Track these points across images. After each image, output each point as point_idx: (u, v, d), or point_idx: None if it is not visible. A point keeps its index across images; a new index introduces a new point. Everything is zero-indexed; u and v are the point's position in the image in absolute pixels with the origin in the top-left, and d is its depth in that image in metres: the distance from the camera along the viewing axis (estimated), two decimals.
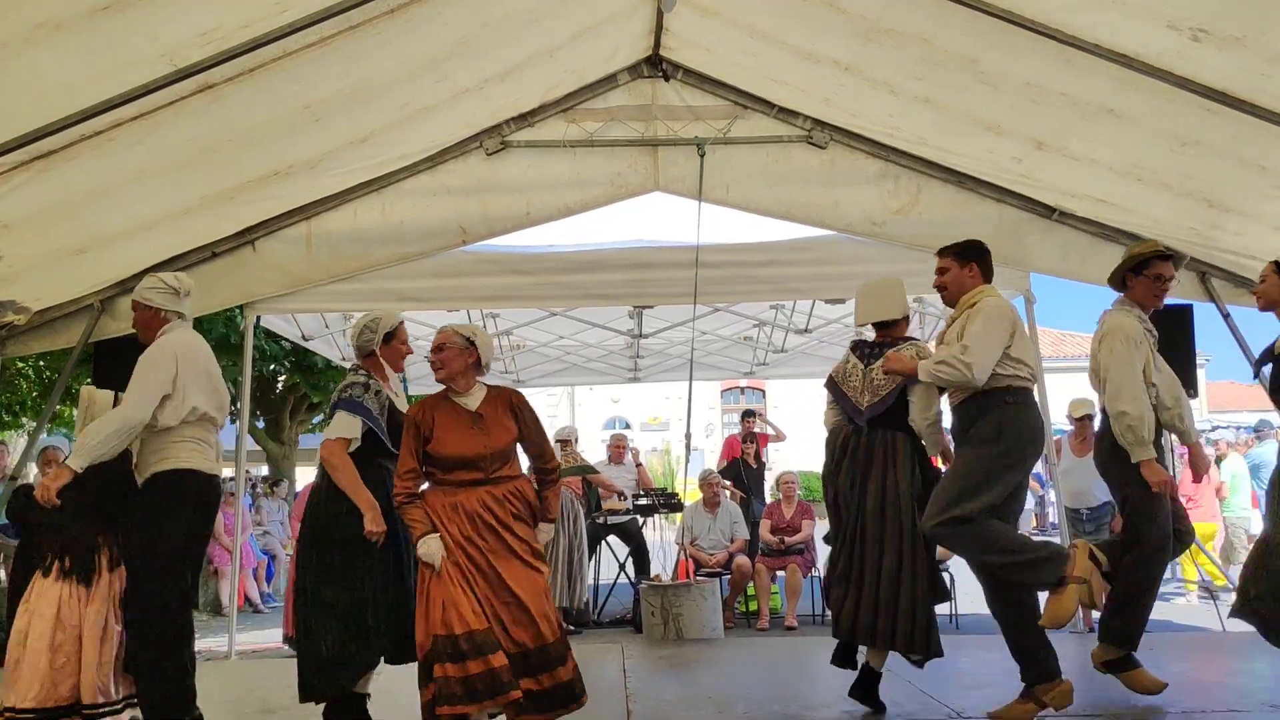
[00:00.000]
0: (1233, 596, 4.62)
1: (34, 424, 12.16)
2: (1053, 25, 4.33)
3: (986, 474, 4.15)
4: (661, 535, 9.74)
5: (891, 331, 4.71)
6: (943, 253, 4.46)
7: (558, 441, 8.68)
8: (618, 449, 9.65)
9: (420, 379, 11.41)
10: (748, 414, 11.03)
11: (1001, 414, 4.20)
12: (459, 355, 4.01)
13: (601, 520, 9.02)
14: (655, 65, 6.20)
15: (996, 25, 4.43)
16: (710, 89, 6.27)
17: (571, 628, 8.03)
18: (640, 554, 9.11)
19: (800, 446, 28.53)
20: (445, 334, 4.06)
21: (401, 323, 4.62)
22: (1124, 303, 4.54)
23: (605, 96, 6.29)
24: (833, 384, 4.73)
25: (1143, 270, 4.53)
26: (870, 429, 4.51)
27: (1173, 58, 4.29)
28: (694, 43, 5.94)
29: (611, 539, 9.26)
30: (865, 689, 4.56)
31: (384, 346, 4.50)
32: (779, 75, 5.96)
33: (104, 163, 4.52)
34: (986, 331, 4.17)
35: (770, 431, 11.03)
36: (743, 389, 29.93)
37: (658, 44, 6.01)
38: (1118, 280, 4.61)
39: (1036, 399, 4.41)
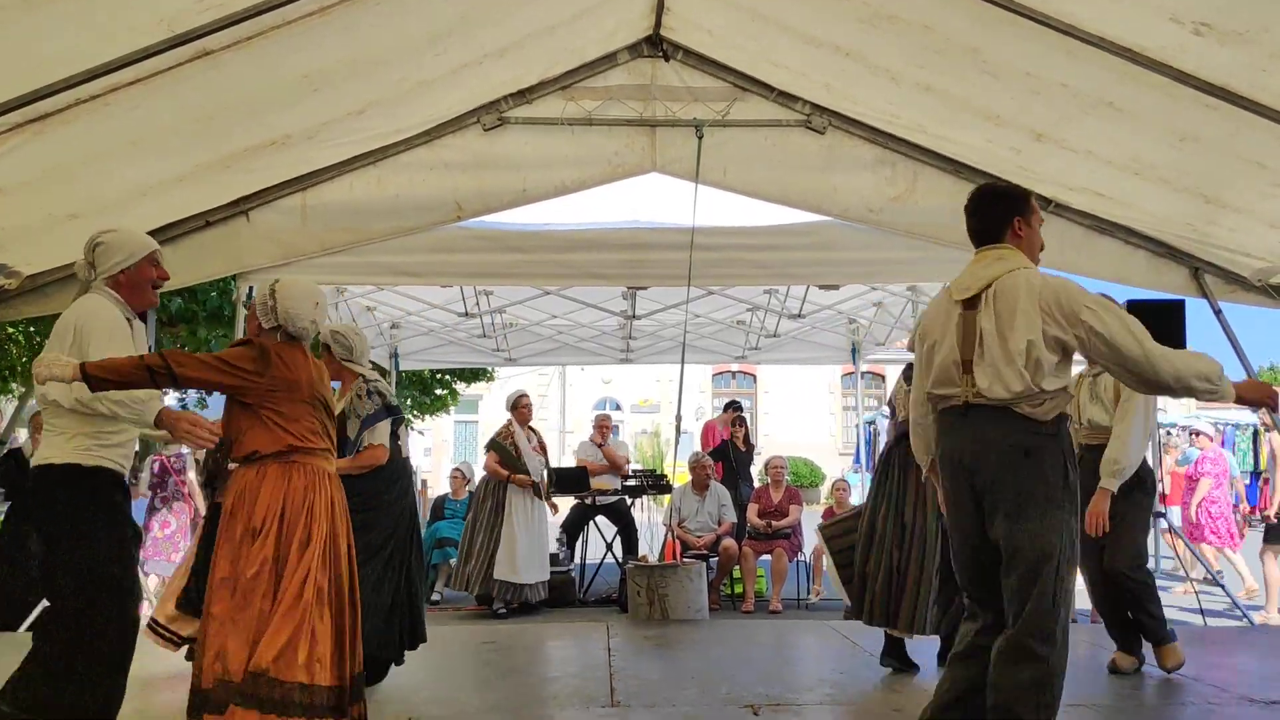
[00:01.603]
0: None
1: (24, 389, 12.13)
2: (1055, 16, 4.31)
3: None
4: (649, 516, 9.77)
5: None
6: None
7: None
8: (602, 430, 9.63)
9: (411, 355, 11.42)
10: (733, 405, 11.07)
11: None
12: (251, 319, 3.73)
13: (589, 501, 9.04)
14: (655, 45, 6.17)
15: (999, 14, 4.42)
16: (710, 70, 6.24)
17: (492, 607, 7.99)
18: (628, 534, 9.14)
19: (789, 432, 28.73)
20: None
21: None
22: None
23: (604, 75, 6.26)
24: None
25: None
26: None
27: (1174, 52, 4.28)
28: (695, 24, 5.91)
29: (601, 520, 9.29)
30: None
31: None
32: (779, 59, 5.94)
33: (100, 128, 4.48)
34: None
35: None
36: (734, 373, 29.98)
37: (658, 24, 5.98)
38: None
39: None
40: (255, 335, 3.61)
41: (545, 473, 8.40)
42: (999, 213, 3.39)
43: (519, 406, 8.55)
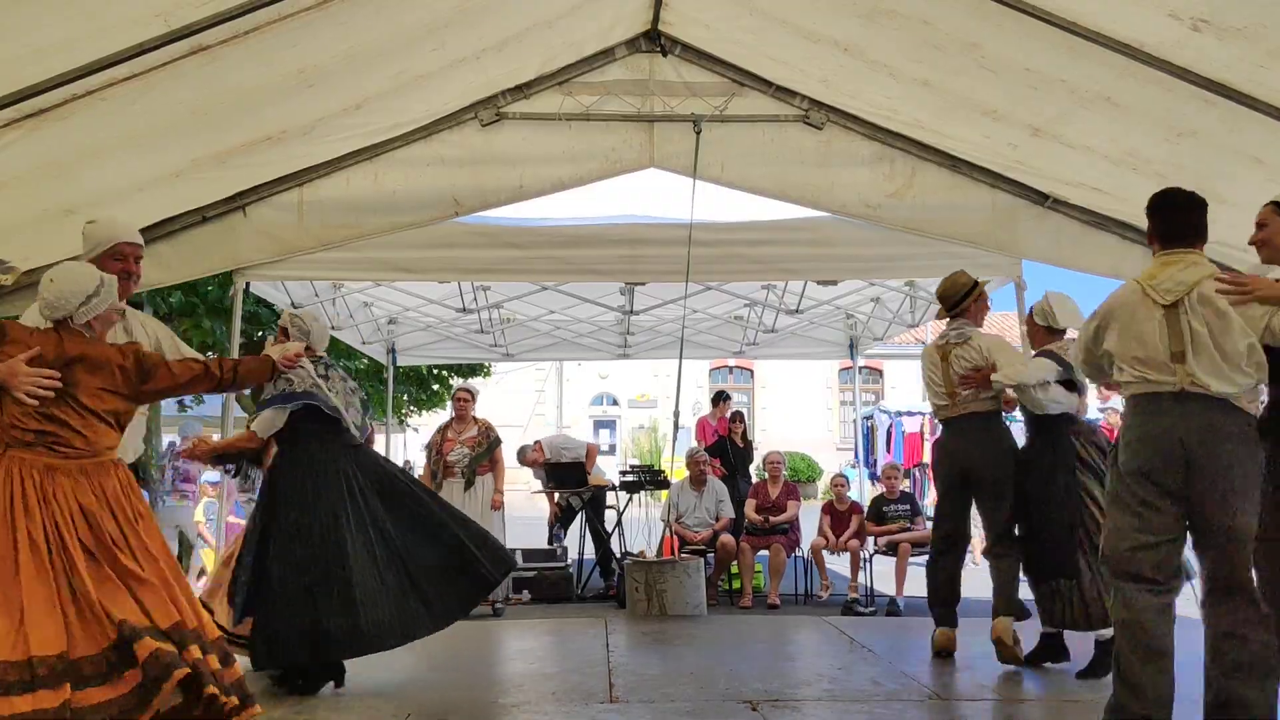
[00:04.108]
0: None
1: None
2: (1054, 11, 4.31)
3: None
4: (647, 512, 9.77)
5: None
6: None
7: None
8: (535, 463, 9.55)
9: (408, 351, 11.42)
10: (721, 396, 11.06)
11: None
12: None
13: (564, 502, 9.08)
14: (653, 40, 6.16)
15: (998, 10, 4.42)
16: (708, 66, 6.23)
17: None
18: (595, 527, 9.14)
19: (787, 427, 28.74)
20: None
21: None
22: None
23: (602, 70, 6.24)
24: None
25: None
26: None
27: (1172, 47, 4.28)
28: (693, 18, 5.90)
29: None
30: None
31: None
32: (777, 54, 5.93)
33: (96, 123, 4.47)
34: None
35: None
36: (731, 368, 29.99)
37: (656, 19, 5.97)
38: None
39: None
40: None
41: (465, 464, 7.86)
42: (1196, 218, 3.68)
43: (452, 401, 8.29)
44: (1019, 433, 5.49)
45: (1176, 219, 3.67)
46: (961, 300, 5.48)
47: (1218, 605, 3.39)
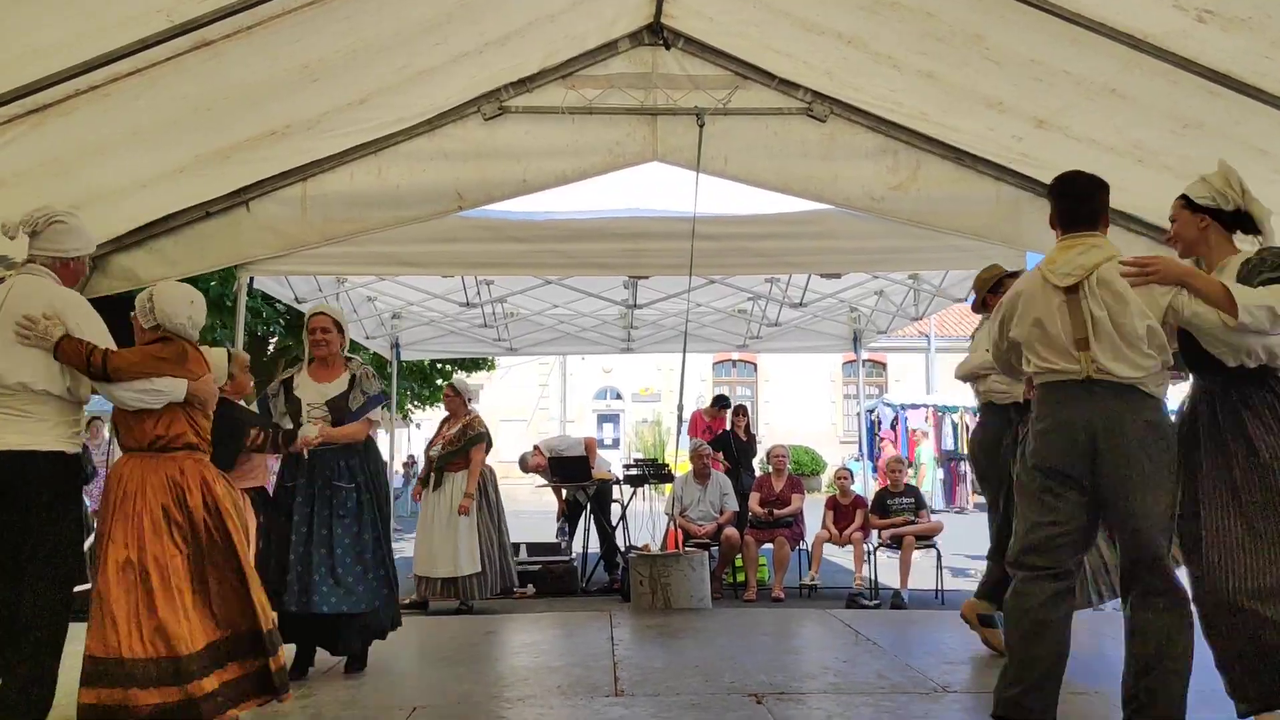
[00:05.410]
0: None
1: None
2: (1058, 2, 4.29)
3: None
4: (651, 506, 9.78)
5: None
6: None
7: None
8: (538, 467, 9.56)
9: (412, 345, 11.43)
10: (719, 401, 11.07)
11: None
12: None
13: (572, 497, 9.09)
14: (656, 33, 6.14)
15: (1002, 1, 4.40)
16: (711, 58, 6.21)
17: None
18: (602, 529, 9.16)
19: (791, 420, 28.75)
20: None
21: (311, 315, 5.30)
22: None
23: (605, 64, 6.23)
24: None
25: (999, 290, 5.32)
26: None
27: (1177, 38, 4.26)
28: (696, 11, 5.88)
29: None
30: None
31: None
32: (781, 46, 5.92)
33: (99, 119, 4.47)
34: None
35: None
36: (735, 361, 29.98)
37: (659, 12, 5.95)
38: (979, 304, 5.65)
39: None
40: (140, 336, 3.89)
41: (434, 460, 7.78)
42: (1101, 201, 3.64)
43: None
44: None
45: (1077, 203, 3.64)
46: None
47: (1132, 596, 3.42)
